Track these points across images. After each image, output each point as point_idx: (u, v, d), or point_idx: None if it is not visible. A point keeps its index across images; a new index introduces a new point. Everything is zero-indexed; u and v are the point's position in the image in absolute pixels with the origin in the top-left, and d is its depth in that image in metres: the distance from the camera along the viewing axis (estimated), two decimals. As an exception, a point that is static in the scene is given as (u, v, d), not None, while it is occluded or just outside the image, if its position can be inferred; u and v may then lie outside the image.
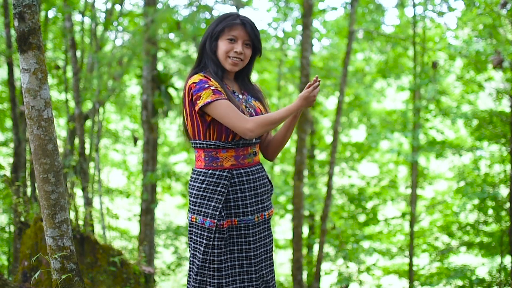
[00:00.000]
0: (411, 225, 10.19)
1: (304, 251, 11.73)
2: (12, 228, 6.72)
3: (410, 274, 10.16)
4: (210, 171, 2.45)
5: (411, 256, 10.18)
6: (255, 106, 2.56)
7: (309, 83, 2.35)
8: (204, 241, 2.44)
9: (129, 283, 3.95)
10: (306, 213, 11.84)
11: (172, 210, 14.21)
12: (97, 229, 8.52)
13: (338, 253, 11.13)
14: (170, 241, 11.93)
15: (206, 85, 2.39)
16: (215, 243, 2.43)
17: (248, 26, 2.46)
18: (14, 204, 4.31)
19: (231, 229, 2.47)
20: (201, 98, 2.37)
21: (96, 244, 3.97)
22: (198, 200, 2.46)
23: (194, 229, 2.49)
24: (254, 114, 2.52)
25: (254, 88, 2.65)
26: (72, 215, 4.26)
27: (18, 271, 3.85)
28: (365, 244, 11.36)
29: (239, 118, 2.35)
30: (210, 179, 2.44)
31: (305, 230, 12.24)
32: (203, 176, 2.46)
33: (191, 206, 2.50)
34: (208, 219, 2.43)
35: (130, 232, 11.94)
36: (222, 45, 2.47)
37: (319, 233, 9.58)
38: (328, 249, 11.48)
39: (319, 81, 2.39)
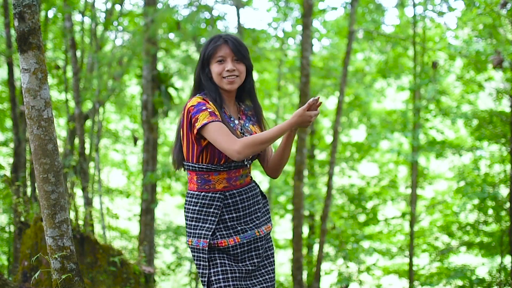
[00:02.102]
0: (411, 225, 10.19)
1: (304, 251, 11.72)
2: (12, 228, 6.71)
3: (410, 274, 10.16)
4: (203, 194, 2.46)
5: (411, 256, 10.18)
6: (251, 130, 2.53)
7: (309, 100, 2.29)
8: (202, 263, 2.42)
9: (129, 283, 3.95)
10: (306, 213, 11.83)
11: (172, 210, 14.20)
12: (97, 229, 8.51)
13: (338, 253, 11.13)
14: (170, 241, 11.93)
15: (204, 107, 2.39)
16: (211, 263, 2.42)
17: (230, 43, 2.47)
18: (14, 204, 4.31)
19: (234, 248, 2.44)
20: (198, 120, 2.37)
21: (96, 244, 3.97)
22: (193, 223, 2.47)
23: (195, 254, 2.47)
24: None
25: (254, 109, 2.61)
26: (72, 215, 4.26)
27: (18, 271, 3.85)
28: (365, 244, 11.35)
29: (228, 140, 2.32)
30: (203, 201, 2.45)
31: (305, 230, 12.23)
32: (196, 198, 2.47)
33: (187, 229, 2.51)
34: (202, 239, 2.42)
35: (130, 232, 11.94)
36: (214, 68, 2.48)
37: (319, 233, 9.58)
38: (328, 249, 11.48)
39: (319, 103, 2.32)
